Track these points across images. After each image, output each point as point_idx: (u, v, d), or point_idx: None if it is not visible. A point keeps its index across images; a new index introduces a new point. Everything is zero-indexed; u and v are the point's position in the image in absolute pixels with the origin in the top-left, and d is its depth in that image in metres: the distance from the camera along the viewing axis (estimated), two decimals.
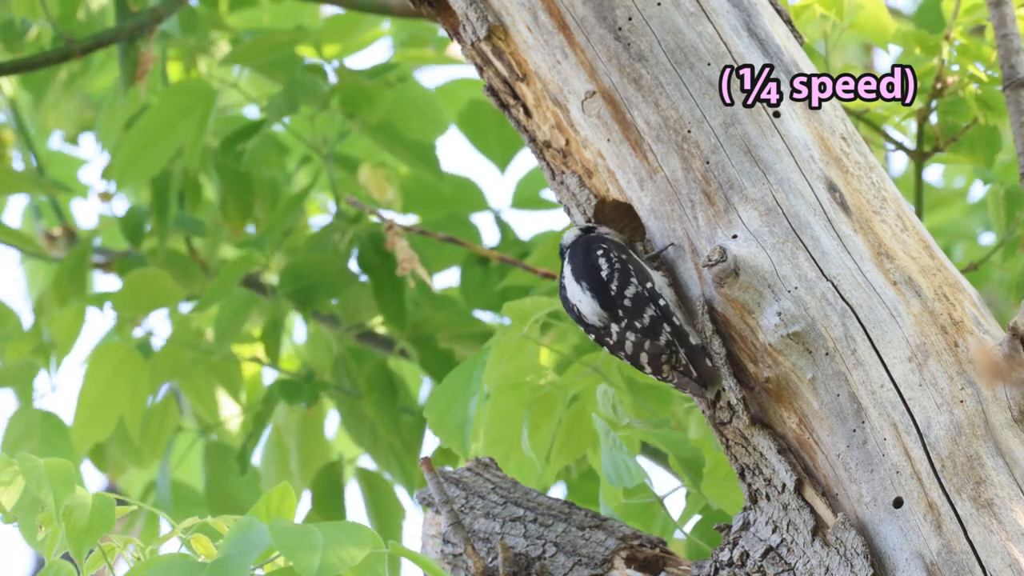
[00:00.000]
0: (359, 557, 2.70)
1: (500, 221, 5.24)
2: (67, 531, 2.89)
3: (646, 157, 3.14)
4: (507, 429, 3.88)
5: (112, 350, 4.89)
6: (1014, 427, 3.02)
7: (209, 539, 2.97)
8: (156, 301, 4.98)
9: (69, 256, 5.13)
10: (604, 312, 3.13)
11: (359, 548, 2.71)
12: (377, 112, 4.97)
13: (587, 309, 3.14)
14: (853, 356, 3.04)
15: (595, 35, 3.15)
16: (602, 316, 3.13)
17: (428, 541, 3.34)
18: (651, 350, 3.10)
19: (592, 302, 3.13)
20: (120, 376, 4.88)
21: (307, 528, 2.74)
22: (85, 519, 2.90)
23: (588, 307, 3.14)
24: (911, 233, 3.12)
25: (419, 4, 3.28)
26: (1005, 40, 3.57)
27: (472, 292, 5.10)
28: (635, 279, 3.11)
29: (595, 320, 3.13)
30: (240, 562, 2.70)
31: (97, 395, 4.86)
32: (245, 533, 2.74)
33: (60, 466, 2.92)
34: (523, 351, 3.88)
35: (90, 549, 2.91)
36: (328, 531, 2.73)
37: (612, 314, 3.12)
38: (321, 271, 4.95)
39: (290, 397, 4.92)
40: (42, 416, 4.94)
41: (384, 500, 5.00)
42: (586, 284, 3.14)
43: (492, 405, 3.84)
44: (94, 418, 4.86)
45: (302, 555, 2.69)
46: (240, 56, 4.99)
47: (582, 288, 3.14)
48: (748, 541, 3.09)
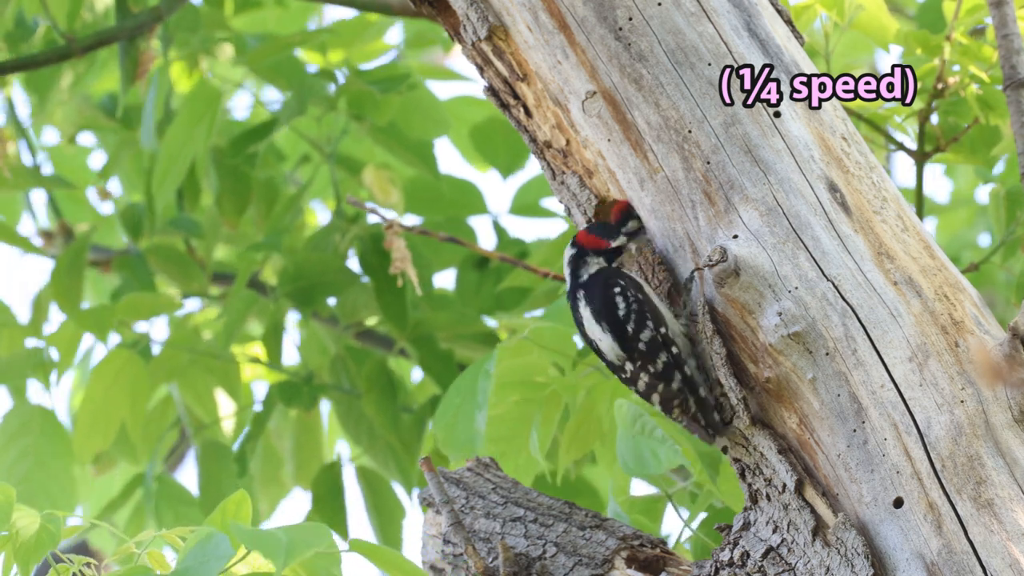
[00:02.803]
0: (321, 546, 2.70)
1: (498, 226, 5.25)
2: (14, 549, 2.90)
3: (647, 157, 3.14)
4: (505, 428, 3.88)
5: (113, 357, 4.88)
6: (1014, 427, 3.02)
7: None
8: (156, 310, 4.98)
9: (66, 254, 5.13)
10: (623, 354, 3.13)
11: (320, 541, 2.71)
12: (386, 115, 4.98)
13: (606, 348, 3.14)
14: (854, 356, 3.04)
15: (596, 35, 3.15)
16: (620, 357, 3.13)
17: (428, 541, 3.34)
18: (663, 393, 3.11)
19: (612, 344, 3.13)
20: (121, 382, 4.88)
21: (269, 530, 2.73)
22: (31, 537, 2.91)
23: (607, 346, 3.14)
24: (912, 233, 3.11)
25: (419, 4, 3.28)
26: (1006, 40, 3.56)
27: (467, 295, 5.10)
28: (651, 322, 3.10)
29: (613, 359, 3.14)
30: (201, 573, 2.69)
31: (98, 404, 4.86)
32: (205, 544, 2.73)
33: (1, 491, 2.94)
34: (523, 351, 3.88)
35: (36, 564, 2.92)
36: (290, 532, 2.73)
37: (628, 356, 3.12)
38: (321, 271, 4.95)
39: (289, 400, 4.92)
40: (39, 413, 4.94)
41: (384, 500, 5.00)
42: (607, 325, 3.13)
43: (491, 405, 3.84)
44: (95, 426, 4.86)
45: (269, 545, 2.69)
46: (251, 59, 4.99)
47: (603, 329, 3.13)
48: (749, 541, 3.09)
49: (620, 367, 3.13)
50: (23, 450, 4.90)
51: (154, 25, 4.95)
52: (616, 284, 3.13)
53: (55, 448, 4.90)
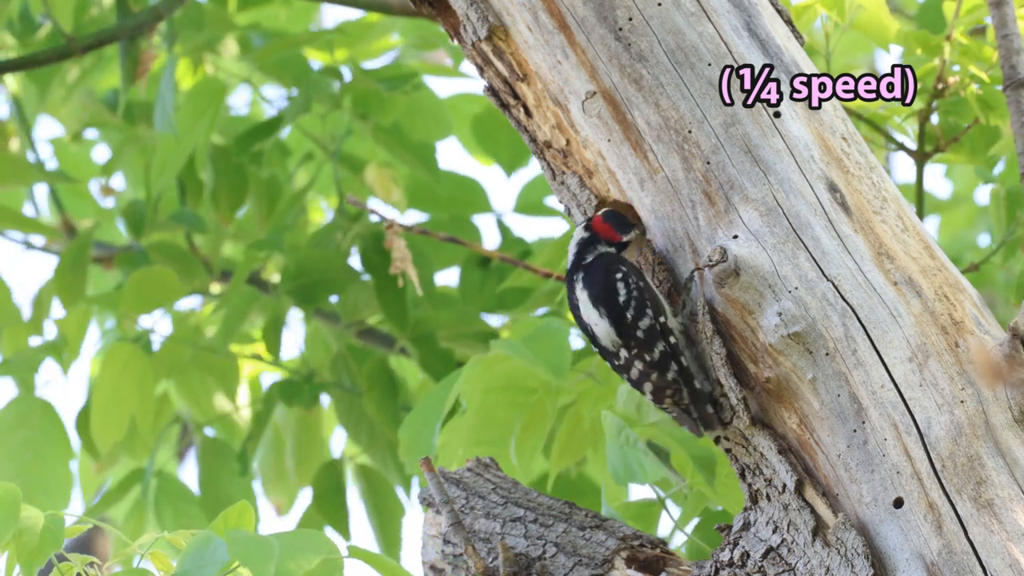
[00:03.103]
0: (313, 563, 2.71)
1: (502, 224, 5.24)
2: (18, 551, 2.90)
3: (647, 157, 3.14)
4: (493, 431, 3.87)
5: (119, 350, 4.89)
6: (1014, 427, 3.02)
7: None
8: (160, 299, 4.98)
9: (69, 250, 5.13)
10: (619, 340, 3.12)
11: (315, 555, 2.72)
12: (390, 116, 4.98)
13: (602, 332, 3.13)
14: (854, 356, 3.04)
15: (596, 35, 3.15)
16: (616, 343, 3.13)
17: (428, 541, 3.34)
18: (657, 382, 3.10)
19: (609, 329, 3.12)
20: (128, 375, 4.88)
21: (264, 538, 2.74)
22: (35, 539, 2.91)
23: (603, 331, 3.13)
24: (912, 233, 3.12)
25: (419, 4, 3.28)
26: (1006, 40, 3.56)
27: (471, 294, 5.10)
28: (650, 311, 3.10)
29: (608, 344, 3.13)
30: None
31: (109, 395, 4.86)
32: (203, 548, 2.74)
33: (5, 492, 2.92)
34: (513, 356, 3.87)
35: (40, 566, 2.92)
36: (285, 540, 2.74)
37: (624, 343, 3.12)
38: (323, 269, 4.95)
39: (289, 398, 4.92)
40: (40, 405, 4.94)
41: (384, 499, 5.00)
42: (604, 311, 3.12)
43: (480, 406, 3.83)
44: (109, 418, 4.86)
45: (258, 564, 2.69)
46: (258, 57, 4.99)
47: (600, 313, 3.13)
48: (748, 541, 3.10)
49: (614, 353, 3.12)
50: (22, 442, 4.91)
51: (154, 24, 4.95)
52: (618, 270, 3.12)
53: (53, 441, 4.91)
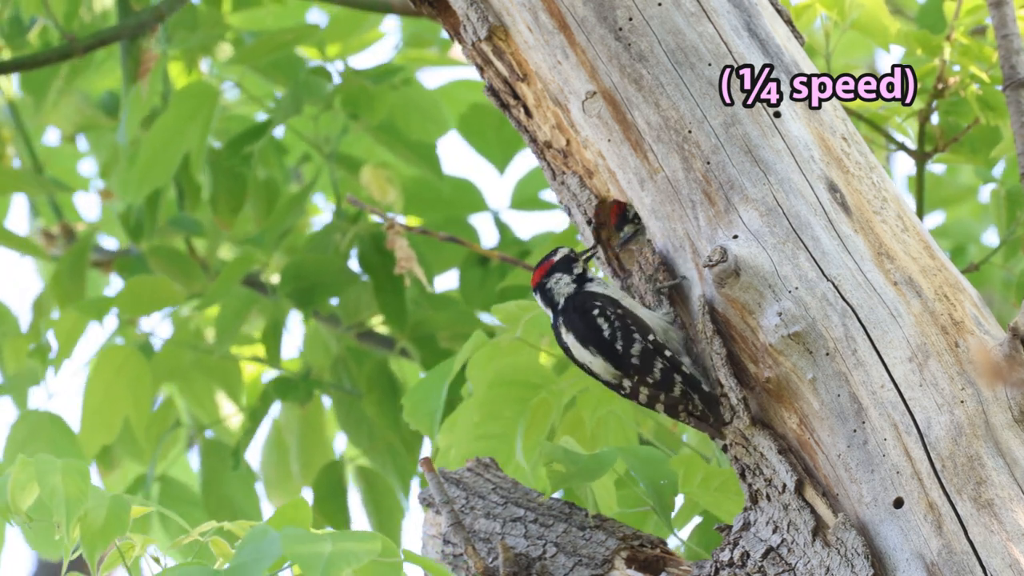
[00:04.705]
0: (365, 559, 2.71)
1: (499, 222, 5.24)
2: (82, 532, 2.89)
3: (647, 157, 3.14)
4: (497, 425, 3.87)
5: (114, 352, 4.88)
6: (1014, 427, 3.02)
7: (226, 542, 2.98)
8: (158, 303, 4.97)
9: (67, 254, 5.13)
10: (618, 372, 3.12)
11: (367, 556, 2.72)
12: (379, 113, 4.97)
13: (599, 369, 3.13)
14: (854, 356, 3.04)
15: (596, 35, 3.15)
16: (616, 375, 3.13)
17: (428, 541, 3.34)
18: (667, 401, 3.10)
19: (605, 364, 3.12)
20: (123, 378, 4.87)
21: (318, 536, 2.75)
22: (100, 521, 2.91)
23: (600, 367, 3.13)
24: (912, 233, 3.11)
25: (420, 4, 3.28)
26: (1006, 40, 3.57)
27: (471, 293, 5.10)
28: (637, 335, 3.10)
29: (609, 378, 3.13)
30: (252, 570, 2.71)
31: (101, 398, 4.86)
32: (259, 541, 2.75)
33: (75, 467, 2.92)
34: (518, 350, 3.87)
35: (103, 551, 2.91)
36: (339, 538, 2.74)
37: (624, 373, 3.11)
38: (322, 270, 4.94)
39: (285, 395, 4.92)
40: (48, 419, 4.94)
41: (384, 500, 5.00)
42: (595, 349, 3.12)
43: (484, 400, 3.83)
44: (100, 421, 4.85)
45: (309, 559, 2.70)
46: (245, 57, 4.98)
47: (592, 352, 3.13)
48: (748, 541, 3.09)
49: (618, 385, 3.12)
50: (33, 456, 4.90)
51: (156, 24, 4.94)
52: (593, 307, 3.12)
53: (65, 453, 4.90)
